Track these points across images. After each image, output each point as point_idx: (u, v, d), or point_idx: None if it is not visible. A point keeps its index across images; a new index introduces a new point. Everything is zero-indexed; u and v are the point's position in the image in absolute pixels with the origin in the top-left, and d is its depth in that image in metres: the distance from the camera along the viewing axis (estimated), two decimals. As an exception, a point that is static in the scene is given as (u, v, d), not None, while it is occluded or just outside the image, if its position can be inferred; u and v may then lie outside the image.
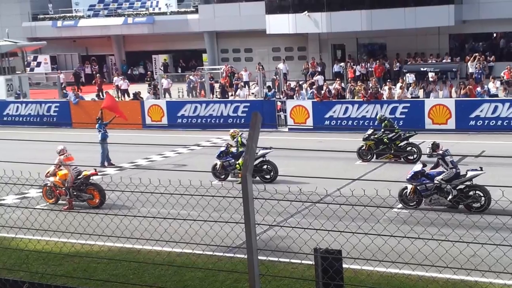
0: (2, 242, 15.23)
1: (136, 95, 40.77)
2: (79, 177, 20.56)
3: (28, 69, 60.74)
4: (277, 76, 46.65)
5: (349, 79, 44.36)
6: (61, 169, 20.81)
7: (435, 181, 18.77)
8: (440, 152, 19.21)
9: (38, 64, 66.61)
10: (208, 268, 13.62)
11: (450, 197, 18.52)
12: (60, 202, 20.74)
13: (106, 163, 27.13)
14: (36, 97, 49.49)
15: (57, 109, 41.40)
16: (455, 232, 11.26)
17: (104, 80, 57.53)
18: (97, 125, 28.20)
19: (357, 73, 49.60)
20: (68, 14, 66.39)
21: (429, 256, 9.52)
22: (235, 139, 24.20)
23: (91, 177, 20.75)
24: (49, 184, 20.61)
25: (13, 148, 27.17)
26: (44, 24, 66.20)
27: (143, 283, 13.29)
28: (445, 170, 18.99)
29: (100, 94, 47.15)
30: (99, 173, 21.40)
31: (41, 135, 35.83)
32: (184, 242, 11.42)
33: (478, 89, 35.19)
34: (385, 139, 26.06)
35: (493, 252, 9.02)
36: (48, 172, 20.89)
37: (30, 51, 62.62)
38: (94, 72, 62.11)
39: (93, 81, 53.53)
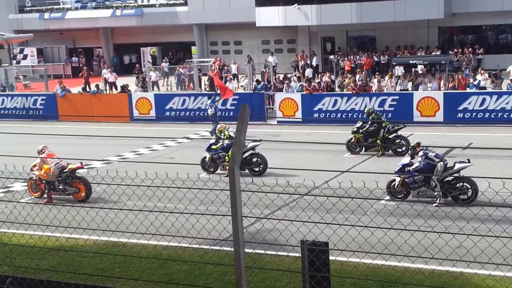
0: (-15, 236, 15.12)
1: (124, 88, 40.59)
2: (64, 170, 20.42)
3: (14, 61, 60.36)
4: (267, 68, 46.57)
5: (345, 72, 44.15)
6: (45, 164, 20.69)
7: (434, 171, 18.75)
8: (421, 150, 19.15)
9: (25, 57, 66.31)
10: (195, 261, 13.54)
11: (437, 189, 18.49)
12: (45, 196, 20.59)
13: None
14: (22, 89, 49.28)
15: (43, 102, 41.22)
16: (441, 224, 11.23)
17: (92, 72, 57.17)
18: (210, 101, 32.58)
19: (346, 66, 49.54)
20: (55, 6, 66.06)
21: (415, 247, 9.48)
22: (222, 133, 24.12)
23: (77, 171, 20.59)
24: (34, 178, 20.47)
25: (-2, 141, 27.01)
26: (31, 16, 65.89)
27: (128, 277, 13.20)
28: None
29: (87, 87, 46.81)
30: (85, 166, 21.23)
31: (27, 128, 35.67)
32: (170, 235, 11.34)
33: (471, 80, 35.30)
34: (379, 140, 25.94)
35: (479, 243, 8.98)
36: (34, 166, 20.76)
37: (17, 43, 62.26)
38: (81, 65, 61.83)
39: (80, 74, 53.28)
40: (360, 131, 26.39)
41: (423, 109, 32.50)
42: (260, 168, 23.29)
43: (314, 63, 52.62)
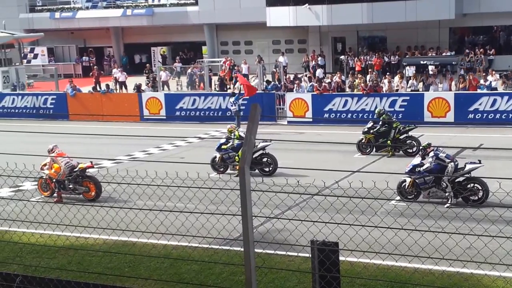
0: (-5, 235, 15.15)
1: (139, 88, 40.53)
2: (74, 169, 20.44)
3: (25, 61, 60.42)
4: (277, 69, 46.54)
5: (356, 72, 44.09)
6: (56, 163, 20.71)
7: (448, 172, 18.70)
8: (431, 151, 19.10)
9: (35, 56, 66.33)
10: (204, 260, 13.54)
11: (448, 190, 18.44)
12: (55, 195, 20.60)
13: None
14: (32, 89, 49.33)
15: (53, 101, 41.29)
16: (452, 224, 11.21)
17: (102, 72, 57.12)
18: (233, 99, 33.00)
19: (356, 66, 49.44)
20: (66, 6, 66.16)
21: (425, 248, 9.45)
22: (232, 134, 24.09)
23: (87, 170, 20.60)
24: (44, 177, 20.48)
25: (8, 140, 27.03)
26: (42, 15, 65.94)
27: (138, 276, 13.20)
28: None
29: (97, 86, 46.76)
30: (95, 166, 21.24)
31: (38, 127, 35.69)
32: (180, 234, 11.33)
33: (481, 81, 35.17)
34: (389, 140, 25.87)
35: (489, 244, 8.97)
36: (45, 165, 20.78)
37: (27, 42, 62.32)
38: (91, 64, 61.85)
39: (90, 73, 53.29)
40: (371, 131, 26.36)
41: (433, 110, 32.40)
42: (270, 168, 23.25)
43: (319, 63, 52.51)
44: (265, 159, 23.40)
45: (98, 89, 44.39)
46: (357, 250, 9.74)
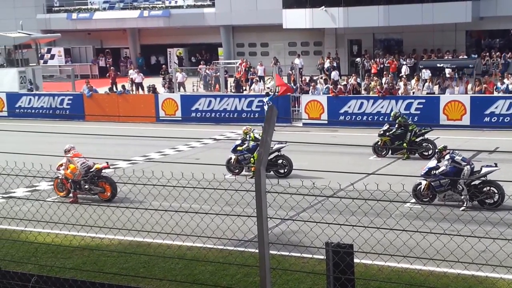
0: (11, 235, 15.21)
1: (155, 90, 40.63)
2: (90, 170, 20.51)
3: (41, 61, 60.50)
4: (293, 70, 46.49)
5: (372, 75, 44.00)
6: (72, 163, 20.78)
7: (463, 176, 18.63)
8: (447, 154, 19.05)
9: (52, 57, 66.52)
10: (219, 261, 13.55)
11: (464, 193, 18.39)
12: (71, 195, 20.65)
13: None
14: (49, 89, 49.48)
15: (70, 102, 41.37)
16: (467, 227, 11.17)
17: (118, 73, 57.18)
18: (267, 98, 34.48)
19: (371, 69, 49.31)
20: (83, 7, 66.33)
21: (440, 250, 9.41)
22: (248, 135, 24.09)
23: (103, 170, 20.66)
24: (60, 177, 20.55)
25: (24, 140, 27.16)
26: (59, 16, 66.11)
27: (153, 277, 13.24)
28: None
29: (114, 87, 46.87)
30: (111, 166, 21.29)
31: (54, 128, 35.81)
32: (195, 235, 11.35)
33: (498, 84, 35.03)
34: (405, 143, 25.80)
35: (504, 247, 8.92)
36: (61, 165, 20.85)
37: (44, 43, 62.41)
38: (108, 65, 61.99)
39: (107, 74, 53.41)
40: (387, 134, 26.31)
41: (449, 113, 32.32)
42: (286, 170, 23.23)
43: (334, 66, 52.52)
44: (280, 161, 23.39)
45: (115, 90, 44.51)
46: (372, 252, 9.74)
